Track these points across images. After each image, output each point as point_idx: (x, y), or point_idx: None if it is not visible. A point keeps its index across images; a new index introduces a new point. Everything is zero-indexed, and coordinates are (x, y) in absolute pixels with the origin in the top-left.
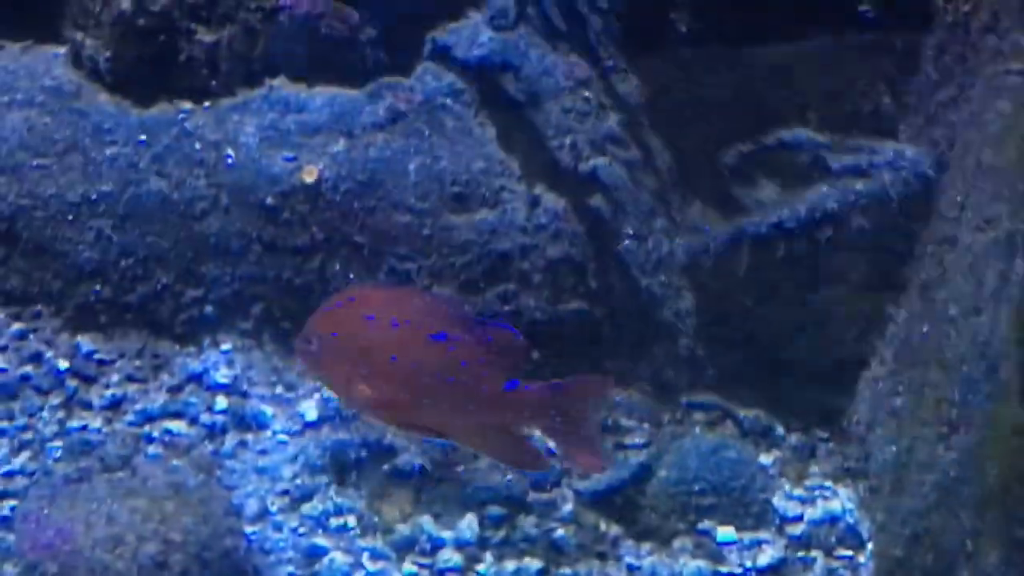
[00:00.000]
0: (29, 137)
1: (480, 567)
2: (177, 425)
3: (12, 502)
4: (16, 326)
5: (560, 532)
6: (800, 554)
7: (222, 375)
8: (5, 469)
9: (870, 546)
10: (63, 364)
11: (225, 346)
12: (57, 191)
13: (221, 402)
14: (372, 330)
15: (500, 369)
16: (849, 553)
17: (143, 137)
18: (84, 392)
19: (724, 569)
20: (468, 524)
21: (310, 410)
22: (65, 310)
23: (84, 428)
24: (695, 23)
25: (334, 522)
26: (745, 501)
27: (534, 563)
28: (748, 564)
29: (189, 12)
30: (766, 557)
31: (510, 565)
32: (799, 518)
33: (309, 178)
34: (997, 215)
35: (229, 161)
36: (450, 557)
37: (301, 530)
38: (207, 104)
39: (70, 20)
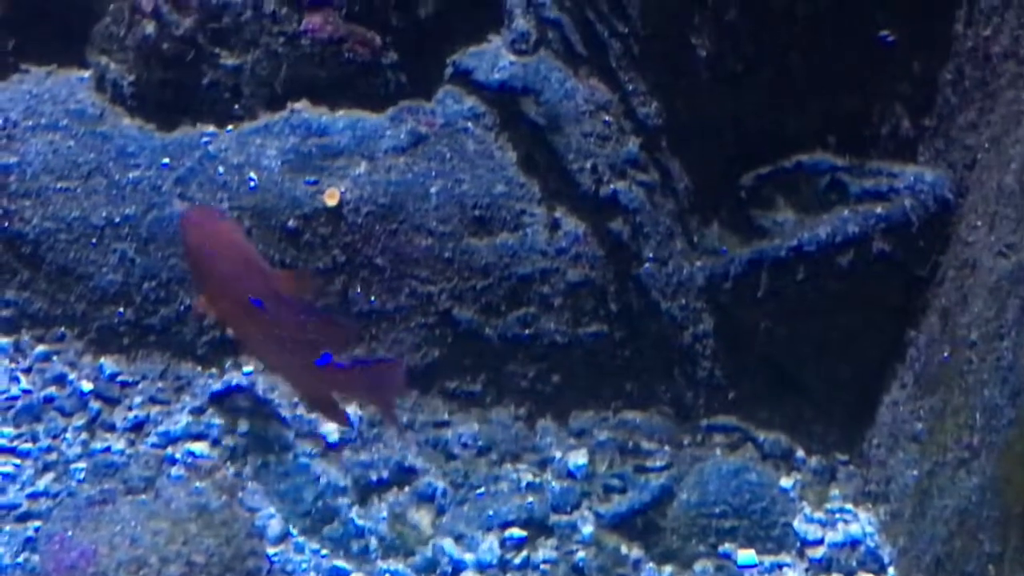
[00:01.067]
0: (53, 160)
1: None
2: (200, 447)
3: (36, 523)
4: (40, 348)
5: (581, 555)
6: None
7: (245, 398)
8: (29, 490)
9: (891, 570)
10: (87, 386)
11: (247, 368)
12: (81, 214)
13: (243, 424)
14: (220, 263)
15: (315, 345)
16: None
17: (166, 160)
18: (107, 414)
19: None
20: (489, 546)
21: (332, 432)
22: (89, 332)
23: (107, 450)
24: (715, 47)
25: (355, 544)
26: (766, 524)
27: None
28: None
29: (213, 37)
30: None
31: None
32: (820, 541)
33: (331, 201)
34: (1019, 241)
35: (252, 184)
36: None
37: (323, 552)
38: (230, 127)
39: (94, 45)
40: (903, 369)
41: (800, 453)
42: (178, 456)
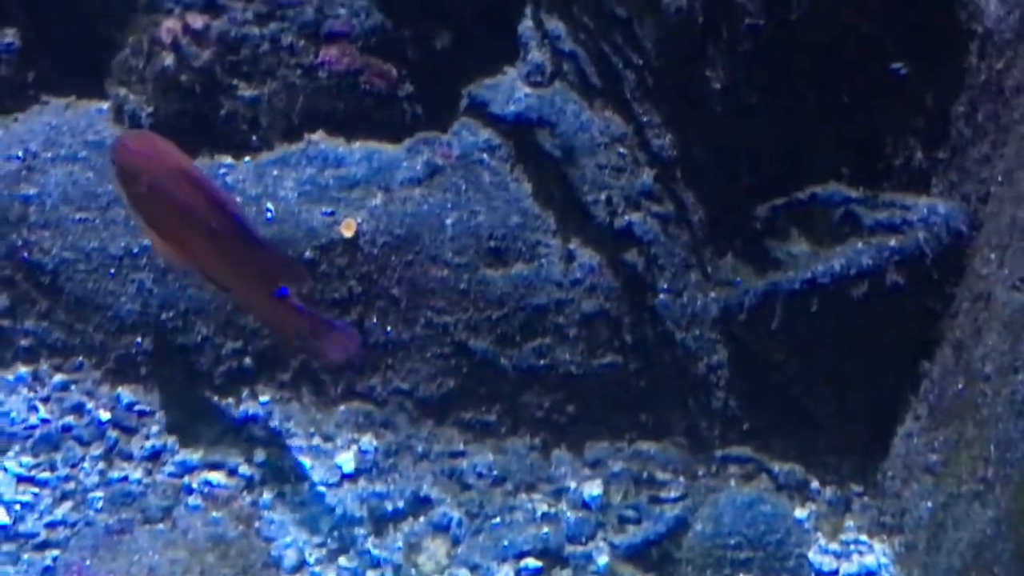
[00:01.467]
0: (72, 191)
1: None
2: (216, 476)
3: (54, 552)
4: (58, 377)
5: None
6: None
7: (261, 427)
8: (48, 519)
9: None
10: (104, 415)
11: (264, 398)
12: (99, 244)
13: (260, 454)
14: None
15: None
16: None
17: None
18: (125, 443)
19: None
20: None
21: (347, 462)
22: (106, 362)
23: (125, 479)
24: (729, 79)
25: (371, 574)
26: (780, 555)
27: None
28: None
29: (230, 68)
30: None
31: None
32: (835, 572)
33: (348, 232)
34: None
35: (269, 215)
36: None
37: None
38: (247, 158)
39: (113, 76)
40: (917, 401)
41: (815, 484)
42: (195, 485)
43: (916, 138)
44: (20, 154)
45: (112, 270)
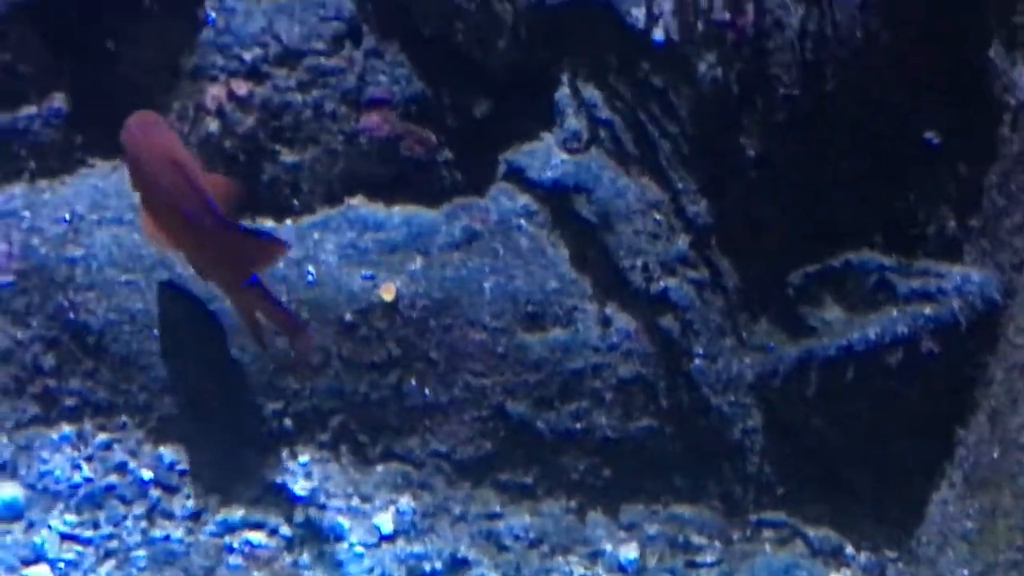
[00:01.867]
0: (118, 254)
1: None
2: (257, 536)
3: None
4: (102, 436)
5: None
6: None
7: (300, 487)
8: None
9: None
10: (147, 474)
11: (303, 458)
12: (144, 306)
13: (299, 514)
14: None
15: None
16: None
17: None
18: (167, 502)
19: None
20: None
21: (386, 523)
22: (149, 421)
23: (167, 538)
24: (763, 147)
25: None
26: None
27: None
28: None
29: (274, 134)
30: None
31: None
32: None
33: (387, 296)
34: None
35: (310, 278)
36: None
37: None
38: (289, 222)
39: None
40: (952, 468)
41: (850, 549)
42: (236, 545)
43: (949, 207)
44: (67, 216)
45: (156, 331)
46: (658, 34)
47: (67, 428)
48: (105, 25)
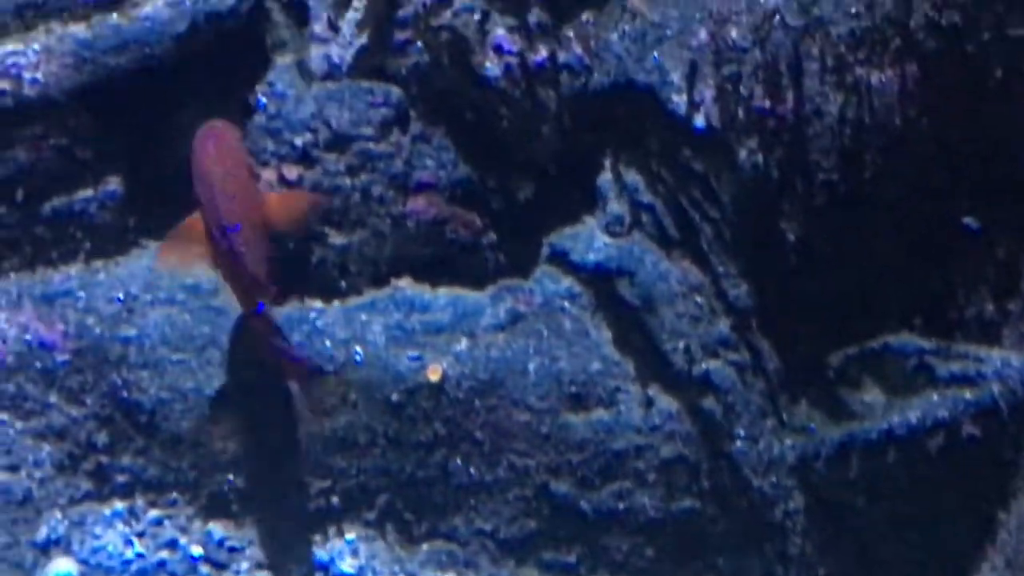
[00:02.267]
0: (170, 333)
1: None
2: None
3: None
4: (153, 513)
5: None
6: None
7: (347, 565)
8: None
9: None
10: (197, 550)
11: (350, 536)
12: (196, 385)
13: None
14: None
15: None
16: None
17: None
18: None
19: None
20: None
21: None
22: (200, 498)
23: None
24: (803, 231)
25: None
26: None
27: None
28: None
29: (322, 217)
30: None
31: None
32: None
33: (434, 377)
34: None
35: (358, 359)
36: None
37: None
38: (337, 303)
39: None
40: (994, 551)
41: None
42: None
43: (988, 291)
44: (121, 296)
45: (207, 410)
46: (699, 121)
47: (119, 504)
48: (158, 110)
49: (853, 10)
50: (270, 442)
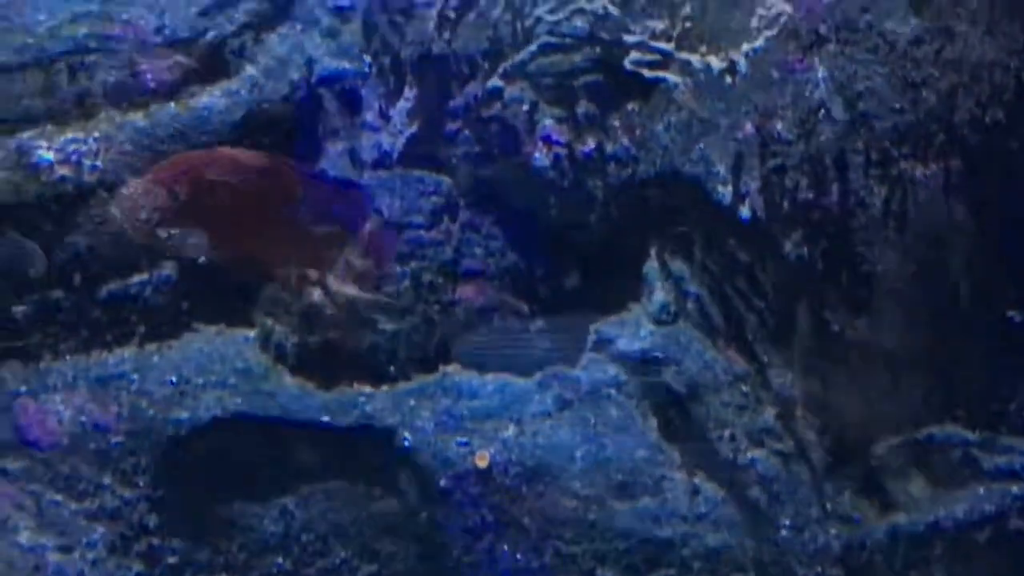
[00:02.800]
0: (222, 416)
1: None
2: None
3: None
4: None
5: None
6: None
7: None
8: None
9: None
10: None
11: None
12: (246, 467)
13: None
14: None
15: None
16: None
17: (326, 418)
18: None
19: None
20: None
21: None
22: None
23: None
24: (846, 321)
25: None
26: None
27: None
28: None
29: (373, 304)
30: None
31: None
32: None
33: (481, 463)
34: None
35: (406, 444)
36: None
37: None
38: (385, 388)
39: (261, 307)
40: None
41: None
42: None
43: None
44: (174, 379)
45: (256, 492)
46: (744, 211)
47: None
48: None
49: (897, 105)
50: (320, 526)
